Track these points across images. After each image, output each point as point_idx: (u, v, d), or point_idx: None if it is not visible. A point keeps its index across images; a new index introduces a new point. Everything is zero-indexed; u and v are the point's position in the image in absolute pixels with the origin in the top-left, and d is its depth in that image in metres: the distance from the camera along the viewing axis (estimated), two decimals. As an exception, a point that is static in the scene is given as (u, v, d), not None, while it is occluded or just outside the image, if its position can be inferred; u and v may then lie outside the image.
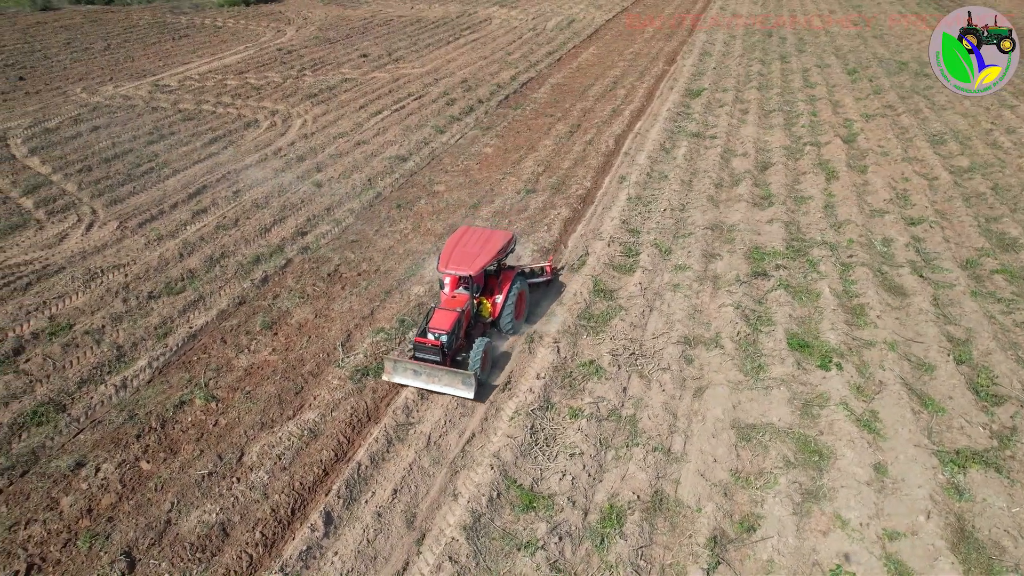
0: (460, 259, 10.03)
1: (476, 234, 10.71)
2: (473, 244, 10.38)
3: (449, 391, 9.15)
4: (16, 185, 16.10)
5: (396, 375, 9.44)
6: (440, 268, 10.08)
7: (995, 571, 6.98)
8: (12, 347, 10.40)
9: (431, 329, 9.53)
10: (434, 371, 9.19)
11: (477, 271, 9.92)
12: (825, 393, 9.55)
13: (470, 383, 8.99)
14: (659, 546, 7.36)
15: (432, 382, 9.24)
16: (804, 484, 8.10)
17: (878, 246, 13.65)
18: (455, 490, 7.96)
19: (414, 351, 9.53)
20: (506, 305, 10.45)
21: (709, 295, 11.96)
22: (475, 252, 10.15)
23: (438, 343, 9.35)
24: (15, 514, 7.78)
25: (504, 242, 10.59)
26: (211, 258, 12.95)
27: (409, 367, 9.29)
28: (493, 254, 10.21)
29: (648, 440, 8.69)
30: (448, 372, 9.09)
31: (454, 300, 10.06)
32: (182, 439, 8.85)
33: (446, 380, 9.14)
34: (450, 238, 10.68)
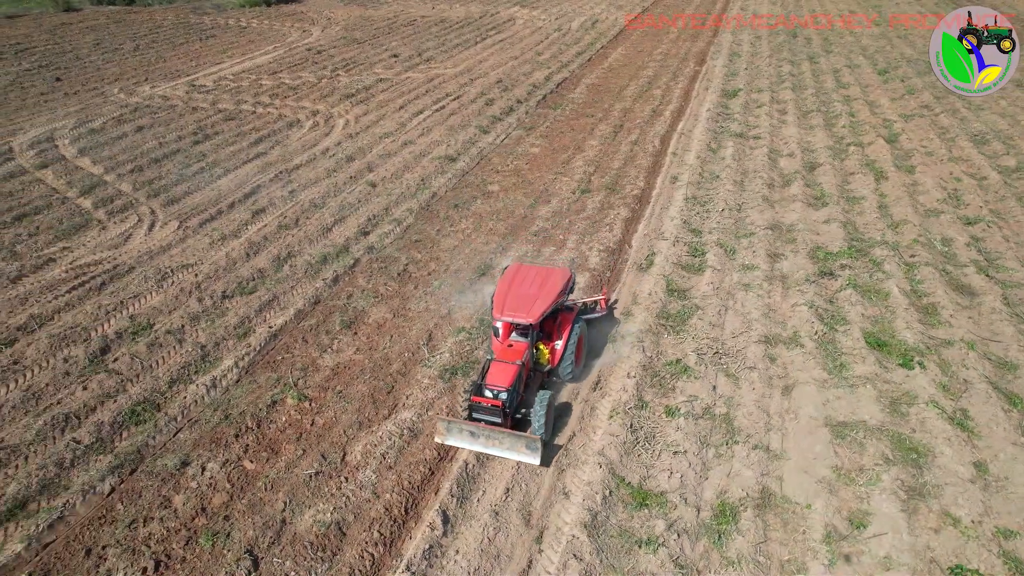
0: (517, 304, 8.97)
1: (531, 273, 9.63)
2: (529, 285, 9.33)
3: (511, 456, 8.17)
4: (72, 186, 16.16)
5: (450, 438, 8.38)
6: (495, 315, 9.02)
7: (1114, 567, 7.04)
8: (99, 346, 10.46)
9: (489, 386, 8.54)
10: (494, 434, 8.18)
11: (538, 318, 8.85)
12: (911, 392, 9.60)
13: (536, 447, 8.03)
14: (775, 543, 7.42)
15: (492, 445, 8.21)
16: (907, 481, 8.16)
17: (938, 246, 13.70)
18: (565, 488, 8.02)
19: (470, 411, 8.54)
20: (567, 352, 9.41)
21: (780, 295, 12.02)
22: (533, 295, 9.11)
23: (498, 403, 8.39)
24: (131, 512, 7.83)
25: (564, 282, 9.52)
26: (278, 258, 13.00)
27: (465, 429, 8.27)
28: (553, 297, 9.14)
29: (747, 438, 8.75)
30: (511, 436, 8.13)
31: (511, 350, 9.01)
32: (281, 439, 8.91)
33: (508, 444, 8.15)
34: (501, 279, 9.67)
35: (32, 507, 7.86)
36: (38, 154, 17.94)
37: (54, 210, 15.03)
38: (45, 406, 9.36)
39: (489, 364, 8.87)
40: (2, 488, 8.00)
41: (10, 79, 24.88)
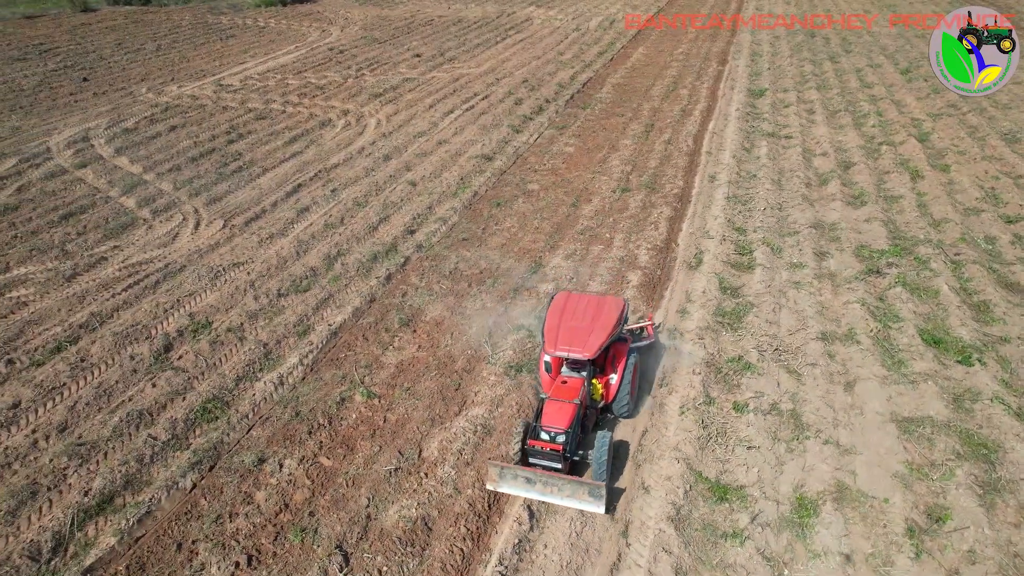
0: (572, 337, 8.41)
1: (581, 303, 9.08)
2: (581, 316, 8.76)
3: (572, 504, 7.55)
4: (113, 185, 16.24)
5: (504, 484, 7.76)
6: (548, 349, 8.46)
7: None
8: (162, 344, 10.54)
9: (546, 428, 7.94)
10: (553, 480, 7.59)
11: (595, 352, 8.31)
12: (974, 388, 9.68)
13: (600, 495, 7.42)
14: (857, 536, 7.50)
15: (551, 492, 7.59)
16: (980, 476, 8.23)
17: (982, 244, 13.78)
18: (643, 483, 8.10)
19: (525, 455, 8.00)
20: (622, 386, 8.86)
21: (831, 292, 12.10)
22: (587, 327, 8.55)
23: (557, 446, 7.83)
24: (216, 508, 7.92)
25: (618, 312, 8.93)
26: (329, 256, 13.08)
27: (520, 475, 7.68)
28: (610, 329, 8.58)
29: (817, 433, 8.83)
30: (572, 482, 7.55)
31: (566, 387, 8.40)
32: (355, 435, 8.99)
33: (569, 491, 7.55)
34: (550, 309, 9.03)
35: (118, 502, 7.94)
36: (76, 154, 18.03)
37: (98, 209, 15.11)
38: (117, 403, 9.44)
39: (543, 403, 8.27)
40: (88, 483, 8.08)
41: (38, 79, 24.97)
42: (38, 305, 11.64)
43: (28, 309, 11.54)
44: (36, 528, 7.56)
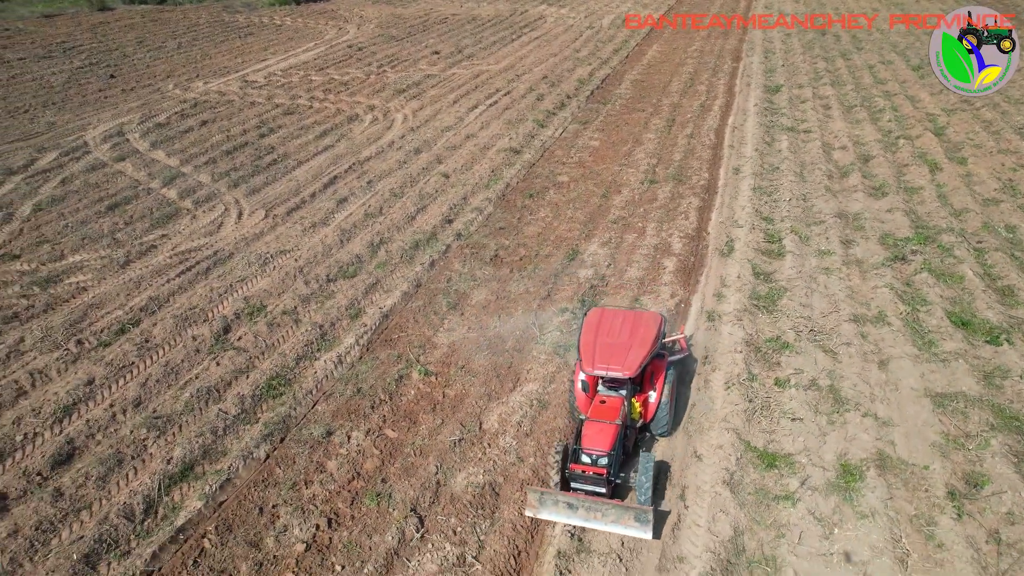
0: (611, 354, 8.12)
1: (618, 318, 8.79)
2: (619, 332, 8.48)
3: (618, 530, 7.25)
4: (153, 177, 16.68)
5: (543, 511, 7.44)
6: (586, 368, 8.17)
7: None
8: (221, 326, 10.99)
9: (587, 450, 7.64)
10: (597, 505, 7.28)
11: (636, 370, 8.03)
12: (1003, 366, 10.12)
13: (647, 520, 7.12)
14: (900, 499, 7.94)
15: (594, 518, 7.28)
16: (1014, 447, 8.67)
17: (1003, 232, 14.21)
18: (696, 451, 8.55)
19: (567, 480, 7.71)
20: (662, 404, 8.53)
21: (859, 278, 12.54)
22: (626, 343, 8.28)
23: (601, 470, 7.54)
24: (290, 476, 8.36)
25: (657, 327, 8.64)
26: (372, 244, 13.53)
27: (561, 500, 7.37)
28: (649, 345, 8.30)
29: (856, 407, 9.27)
30: (616, 507, 7.25)
31: (605, 407, 8.07)
32: (416, 409, 9.44)
33: (614, 516, 7.23)
34: (586, 325, 8.74)
35: (198, 470, 8.39)
36: (113, 148, 18.47)
37: (142, 200, 15.55)
38: (185, 380, 9.89)
39: (583, 425, 7.96)
40: (168, 453, 8.53)
41: (65, 76, 25.41)
42: (97, 290, 12.08)
43: (88, 294, 11.98)
44: (126, 492, 8.01)
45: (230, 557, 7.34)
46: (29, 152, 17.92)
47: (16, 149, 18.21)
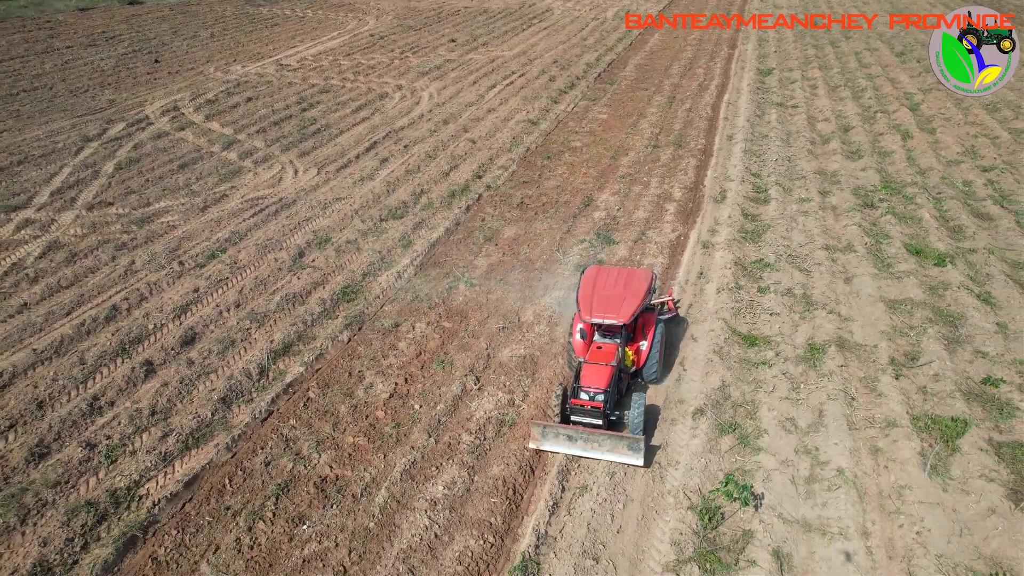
0: (606, 305, 9.06)
1: (612, 275, 9.75)
2: (613, 286, 9.44)
3: (613, 458, 8.18)
4: (212, 143, 18.84)
5: (546, 443, 8.37)
6: (584, 316, 9.11)
7: (1102, 378, 9.73)
8: (296, 252, 13.15)
9: (585, 388, 8.56)
10: (594, 436, 8.16)
11: (629, 318, 8.96)
12: (946, 281, 12.27)
13: (639, 448, 8.04)
14: (853, 367, 10.09)
15: (591, 448, 8.19)
16: (947, 334, 10.82)
17: (960, 186, 16.38)
18: (692, 336, 10.71)
19: (567, 414, 8.65)
20: (652, 352, 9.45)
21: (833, 218, 14.70)
22: (620, 295, 9.23)
23: (598, 404, 8.43)
24: (370, 352, 10.52)
25: (648, 282, 9.61)
26: (415, 193, 15.69)
27: (562, 432, 8.27)
28: (640, 297, 9.25)
29: (823, 307, 11.42)
30: (611, 437, 8.13)
31: (601, 352, 9.04)
32: (466, 308, 11.60)
33: (609, 446, 8.14)
34: (583, 280, 9.70)
35: (295, 348, 10.55)
36: (171, 120, 20.62)
37: (207, 161, 17.70)
38: (273, 289, 12.05)
39: (581, 367, 8.88)
40: (270, 337, 10.69)
41: (114, 61, 27.57)
42: (185, 228, 14.24)
43: (178, 230, 14.14)
44: (242, 362, 10.16)
45: (331, 403, 9.50)
46: (99, 124, 20.08)
47: (87, 121, 20.36)
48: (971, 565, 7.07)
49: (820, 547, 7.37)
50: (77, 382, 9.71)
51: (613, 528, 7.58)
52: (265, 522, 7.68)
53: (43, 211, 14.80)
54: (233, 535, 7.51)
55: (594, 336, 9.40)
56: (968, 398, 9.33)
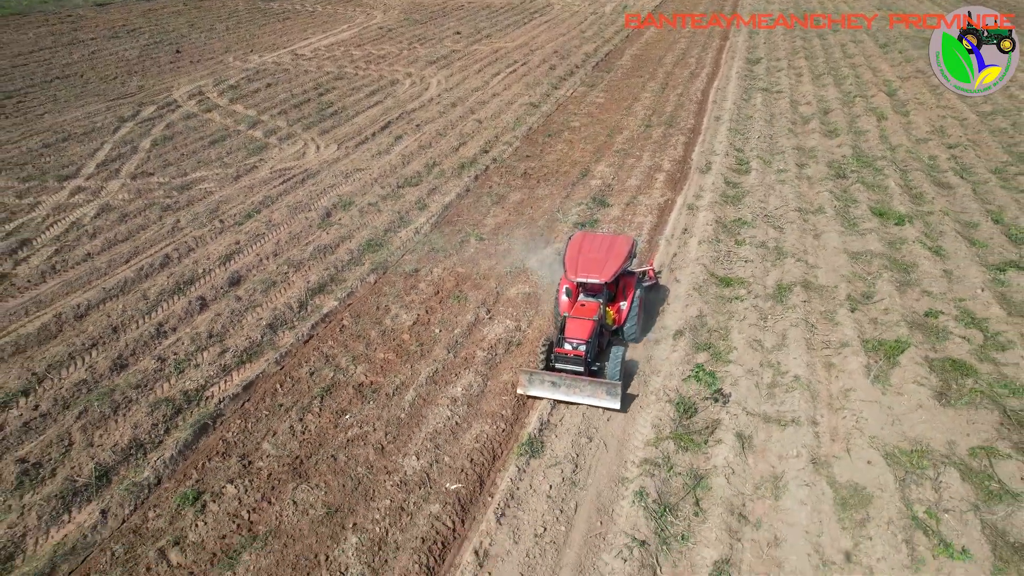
0: (590, 266, 9.79)
1: (596, 240, 10.50)
2: (597, 250, 10.15)
3: (592, 402, 8.91)
4: (238, 123, 20.36)
5: (532, 388, 9.11)
6: (570, 276, 9.81)
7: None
8: (323, 213, 14.67)
9: (568, 339, 9.26)
10: (575, 382, 8.88)
11: (610, 277, 9.70)
12: (903, 237, 13.80)
13: (616, 392, 8.78)
14: (815, 303, 11.61)
15: (573, 393, 8.94)
16: (899, 278, 12.34)
17: (925, 160, 17.91)
18: (676, 278, 12.24)
19: (552, 362, 9.34)
20: (631, 311, 10.20)
21: (807, 186, 16.23)
22: (603, 258, 9.95)
23: (580, 352, 9.12)
24: (394, 290, 12.05)
25: (628, 247, 10.33)
26: (427, 165, 17.22)
27: (547, 379, 8.98)
28: (622, 259, 9.99)
29: (792, 256, 12.94)
30: (592, 383, 8.83)
31: (584, 308, 9.79)
32: (477, 257, 13.12)
33: (589, 391, 8.87)
34: (570, 245, 10.40)
35: (329, 288, 12.07)
36: (199, 103, 22.14)
37: (234, 138, 19.22)
38: (306, 242, 13.57)
39: (565, 320, 9.61)
40: (306, 279, 12.21)
41: (138, 52, 29.09)
42: (221, 193, 15.76)
43: (215, 195, 15.66)
44: (284, 298, 11.69)
45: (363, 329, 11.03)
46: (132, 106, 21.60)
47: (120, 104, 21.88)
48: (897, 444, 8.60)
49: (776, 432, 8.90)
50: (143, 313, 11.24)
51: (604, 418, 9.11)
52: (313, 415, 9.21)
53: (92, 180, 16.31)
54: (287, 424, 9.04)
55: (579, 296, 10.21)
56: (911, 326, 10.85)
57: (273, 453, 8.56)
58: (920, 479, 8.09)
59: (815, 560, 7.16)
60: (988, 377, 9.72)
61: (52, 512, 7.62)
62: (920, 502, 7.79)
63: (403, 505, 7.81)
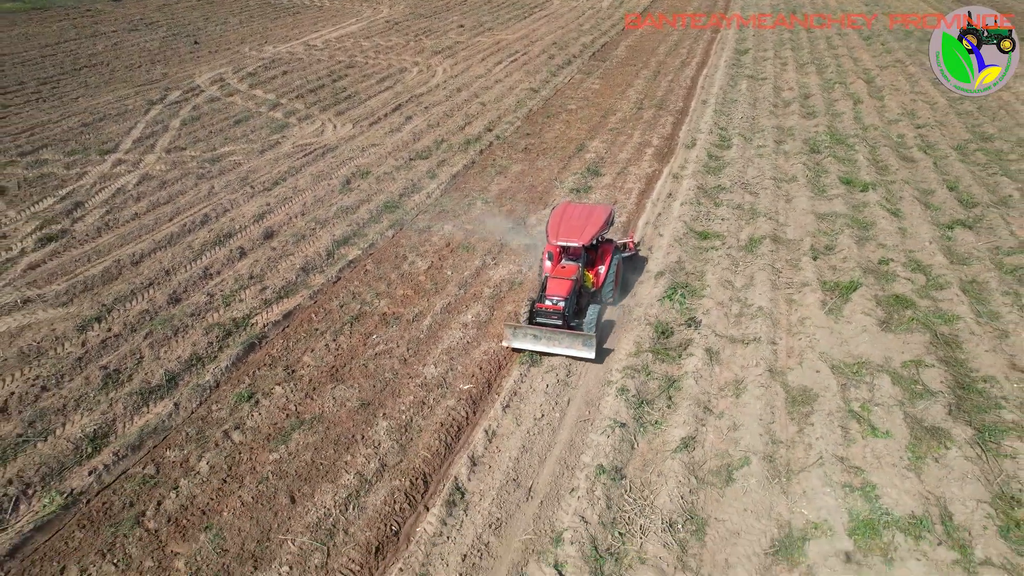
0: (569, 231, 10.71)
1: (578, 209, 11.45)
2: (578, 218, 11.07)
3: (570, 353, 9.80)
4: (259, 105, 21.92)
5: (516, 341, 10.00)
6: (551, 239, 10.71)
7: (965, 259, 12.81)
8: (343, 180, 16.24)
9: (549, 296, 10.18)
10: (555, 335, 9.77)
11: (588, 241, 10.58)
12: (865, 201, 15.35)
13: (591, 343, 9.66)
14: (782, 252, 13.16)
15: (553, 345, 9.84)
16: (859, 234, 13.88)
17: (894, 138, 19.48)
18: (659, 232, 13.81)
19: (534, 317, 10.23)
20: (608, 275, 11.14)
21: (783, 160, 17.79)
22: (582, 225, 10.85)
23: (559, 308, 10.01)
24: (411, 243, 13.62)
25: (606, 215, 11.24)
26: (436, 141, 18.78)
27: (529, 332, 9.89)
28: (599, 226, 10.89)
29: (764, 215, 14.50)
30: (569, 335, 9.74)
31: (565, 270, 10.68)
32: (483, 216, 14.68)
33: (567, 342, 9.76)
34: (553, 213, 11.37)
35: (352, 241, 13.63)
36: (220, 88, 23.71)
37: (256, 118, 20.78)
38: (329, 204, 15.13)
39: (547, 280, 10.55)
40: (331, 235, 13.76)
41: (158, 43, 30.65)
42: (248, 165, 17.31)
43: (243, 166, 17.21)
44: (312, 248, 13.25)
45: (384, 273, 12.59)
46: (159, 91, 23.16)
47: (147, 90, 23.44)
48: (843, 359, 10.15)
49: (740, 349, 10.46)
50: (190, 259, 12.81)
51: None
52: (344, 336, 10.78)
53: (130, 154, 17.87)
54: (323, 343, 10.60)
55: (560, 260, 11.13)
56: (864, 271, 12.41)
57: (312, 364, 10.12)
58: (858, 384, 9.65)
59: (766, 439, 8.70)
60: (926, 310, 11.28)
61: (134, 405, 9.18)
62: (856, 400, 9.34)
63: (424, 400, 9.37)
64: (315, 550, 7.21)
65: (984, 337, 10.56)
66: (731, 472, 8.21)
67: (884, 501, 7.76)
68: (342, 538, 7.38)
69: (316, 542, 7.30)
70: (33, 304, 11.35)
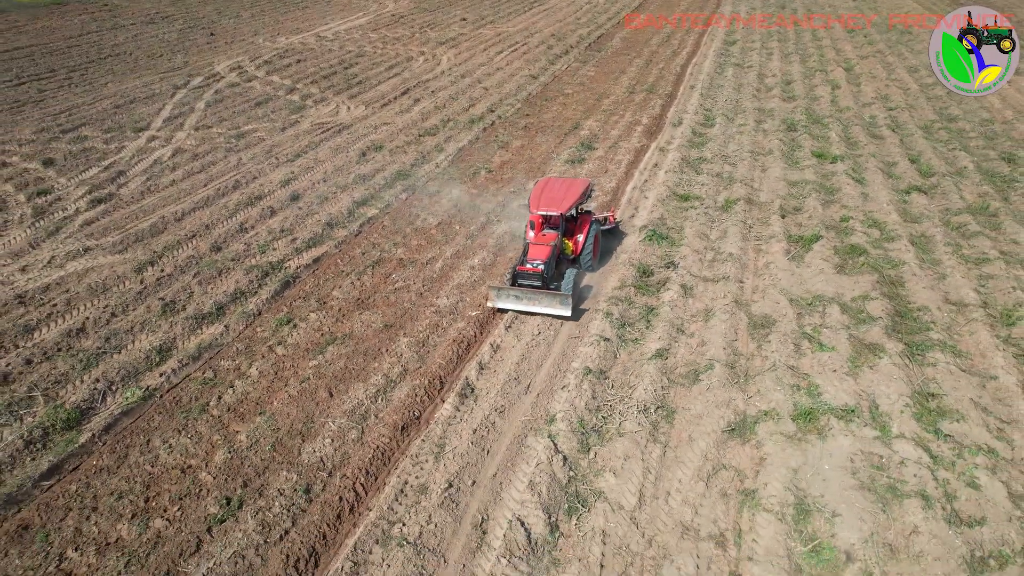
0: (549, 202, 11.68)
1: (558, 183, 12.40)
2: (558, 190, 11.96)
3: (548, 311, 10.61)
4: (276, 90, 23.51)
5: (499, 301, 10.76)
6: (532, 209, 11.72)
7: (917, 218, 14.40)
8: (359, 152, 17.83)
9: (530, 260, 11.14)
10: (535, 295, 10.56)
11: (567, 210, 11.53)
12: (833, 171, 16.93)
13: (568, 303, 10.49)
14: (755, 213, 14.75)
15: (533, 305, 10.63)
16: (825, 198, 15.47)
17: (866, 119, 21.07)
18: (644, 195, 15.40)
19: (515, 279, 11.07)
20: (586, 243, 11.99)
21: (762, 137, 19.38)
22: (561, 197, 11.81)
23: (538, 270, 10.90)
24: (423, 204, 15.22)
25: (584, 187, 12.18)
26: (443, 120, 20.38)
27: (511, 293, 10.67)
28: (577, 197, 11.83)
29: (741, 181, 16.09)
30: (548, 295, 10.55)
31: (545, 237, 11.67)
32: (487, 183, 16.27)
33: (546, 302, 10.56)
34: (535, 186, 12.31)
35: (370, 202, 15.22)
36: (239, 74, 25.29)
37: (274, 101, 22.36)
38: (348, 172, 16.71)
39: (528, 246, 11.56)
40: (351, 198, 15.35)
41: (176, 34, 32.25)
42: (271, 140, 18.90)
43: (267, 141, 18.80)
44: (335, 207, 14.83)
45: (399, 227, 14.18)
46: (182, 77, 24.75)
47: (171, 76, 25.02)
48: (799, 295, 11.72)
49: (711, 286, 12.04)
50: (226, 216, 14.40)
51: (583, 278, 12.26)
52: (367, 276, 12.37)
53: (162, 131, 19.46)
54: (348, 281, 12.19)
55: (542, 229, 12.04)
56: (826, 228, 13.99)
57: (341, 297, 11.72)
58: (811, 313, 11.24)
59: (728, 352, 10.28)
60: (877, 257, 12.86)
61: (190, 327, 10.77)
62: (809, 325, 10.92)
63: (439, 323, 10.96)
64: (351, 428, 8.80)
65: (924, 278, 12.14)
66: (698, 375, 9.79)
67: (824, 397, 9.35)
68: (373, 421, 8.96)
69: (352, 423, 8.88)
70: (93, 252, 12.94)
